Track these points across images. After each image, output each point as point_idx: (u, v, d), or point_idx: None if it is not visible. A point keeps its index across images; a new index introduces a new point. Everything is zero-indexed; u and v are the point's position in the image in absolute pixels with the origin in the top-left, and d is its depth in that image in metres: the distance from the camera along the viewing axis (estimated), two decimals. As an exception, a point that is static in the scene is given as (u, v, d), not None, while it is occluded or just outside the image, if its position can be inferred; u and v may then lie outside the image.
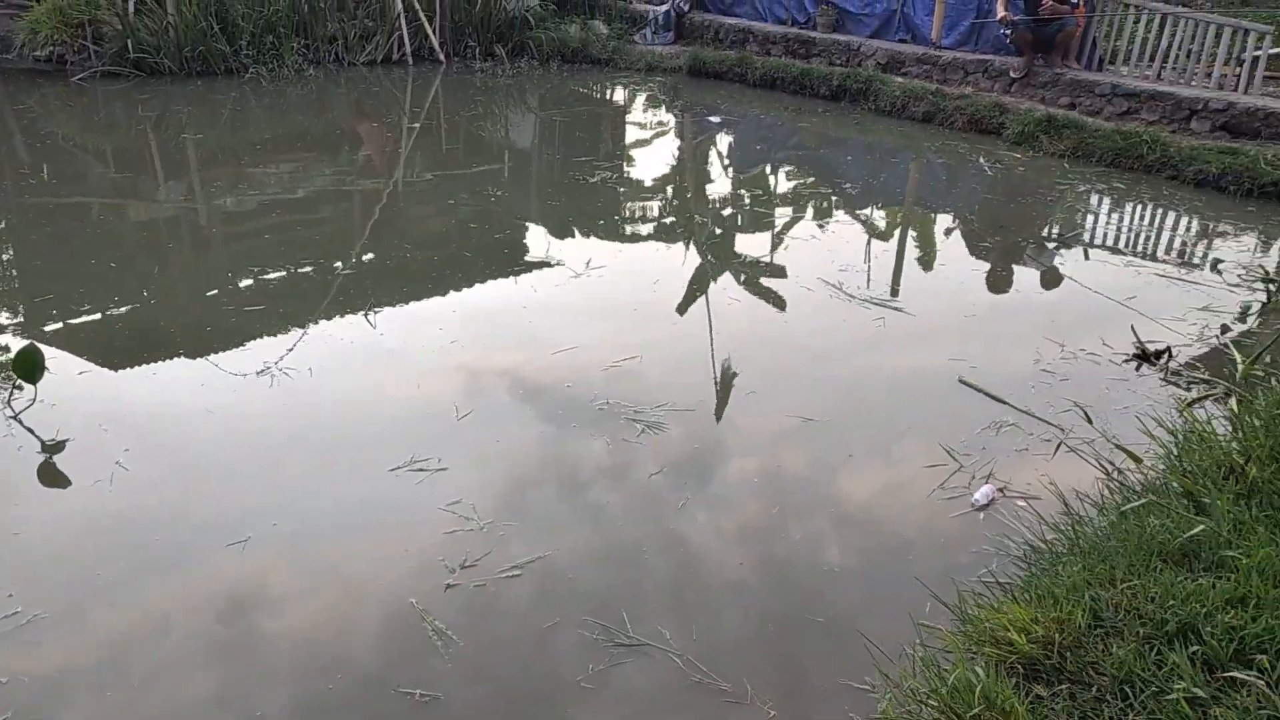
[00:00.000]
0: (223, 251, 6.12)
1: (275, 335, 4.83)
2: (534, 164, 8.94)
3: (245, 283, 5.55)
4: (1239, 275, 6.06)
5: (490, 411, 4.16)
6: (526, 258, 6.19)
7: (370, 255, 6.17)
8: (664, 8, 13.30)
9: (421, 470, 3.65)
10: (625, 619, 2.90)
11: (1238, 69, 8.93)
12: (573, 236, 6.63)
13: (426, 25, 12.13)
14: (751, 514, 3.50)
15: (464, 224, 6.80)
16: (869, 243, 6.69)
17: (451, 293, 5.56)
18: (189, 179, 7.62)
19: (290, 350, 4.65)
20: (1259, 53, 8.69)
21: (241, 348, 4.67)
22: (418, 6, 12.03)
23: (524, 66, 12.35)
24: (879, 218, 7.35)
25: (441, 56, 12.23)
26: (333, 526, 3.35)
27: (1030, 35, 9.46)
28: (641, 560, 3.20)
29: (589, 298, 5.55)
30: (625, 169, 8.54)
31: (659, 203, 7.68)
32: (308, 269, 5.83)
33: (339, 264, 5.88)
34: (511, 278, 5.81)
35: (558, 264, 6.00)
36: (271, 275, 5.69)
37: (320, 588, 3.06)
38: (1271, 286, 5.72)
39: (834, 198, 7.90)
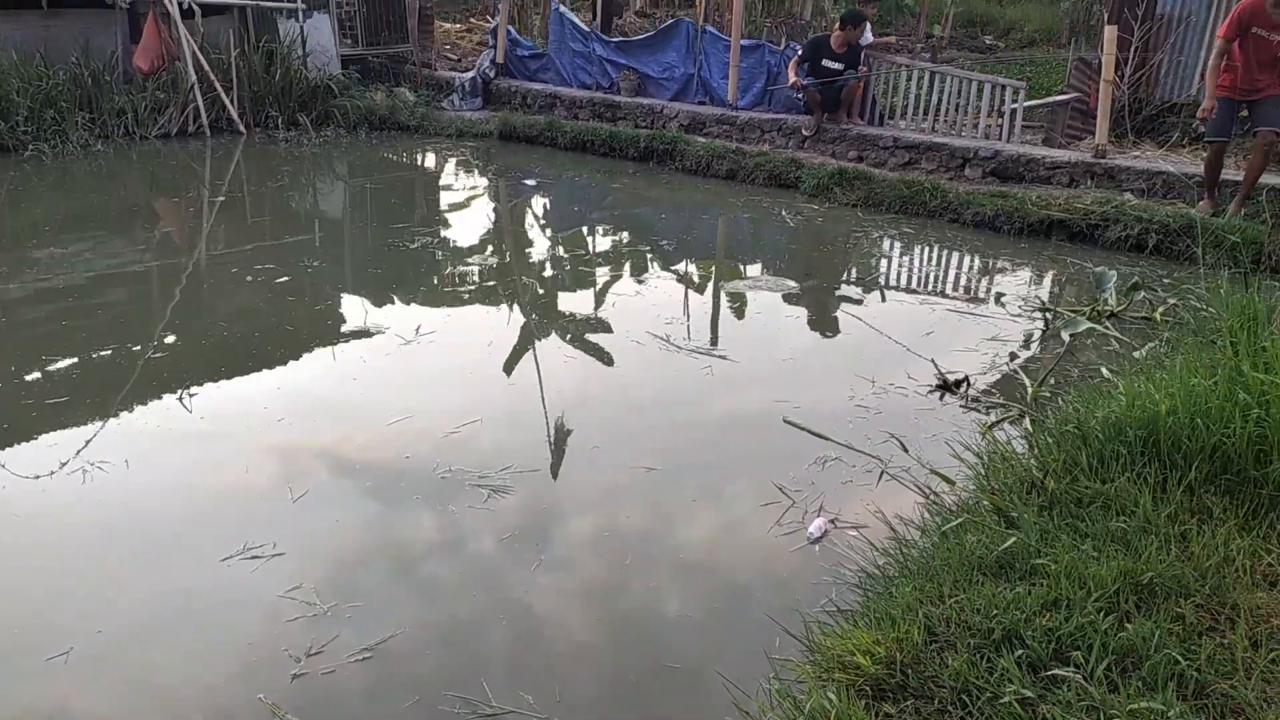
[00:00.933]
0: (11, 342, 5.67)
1: (82, 426, 4.51)
2: (349, 233, 8.78)
3: (39, 374, 5.16)
4: (1020, 306, 6.69)
5: (326, 490, 4.04)
6: (352, 327, 6.07)
7: (177, 336, 5.87)
8: (470, 75, 13.43)
9: (256, 558, 3.50)
10: (486, 689, 2.87)
11: (1000, 119, 9.92)
12: (399, 304, 6.55)
13: (224, 95, 11.74)
14: (601, 570, 3.55)
15: (280, 297, 6.59)
16: (687, 295, 6.96)
17: (275, 368, 5.37)
18: (-36, 266, 7.02)
19: (100, 442, 4.35)
20: (1015, 105, 9.70)
21: (44, 443, 4.34)
22: (213, 77, 11.63)
23: (330, 135, 12.13)
24: (695, 271, 7.66)
25: (241, 127, 11.85)
26: (165, 626, 3.16)
27: (818, 95, 10.17)
28: (496, 628, 3.19)
29: (421, 365, 5.49)
30: (445, 233, 8.53)
31: (483, 265, 7.70)
32: (109, 354, 5.49)
33: (141, 347, 5.57)
34: (338, 349, 5.68)
35: (386, 332, 5.91)
36: (69, 363, 5.32)
37: (158, 694, 2.87)
38: (1048, 315, 6.35)
39: (651, 254, 8.17)
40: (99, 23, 11.56)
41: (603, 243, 8.62)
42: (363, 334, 5.93)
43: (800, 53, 10.33)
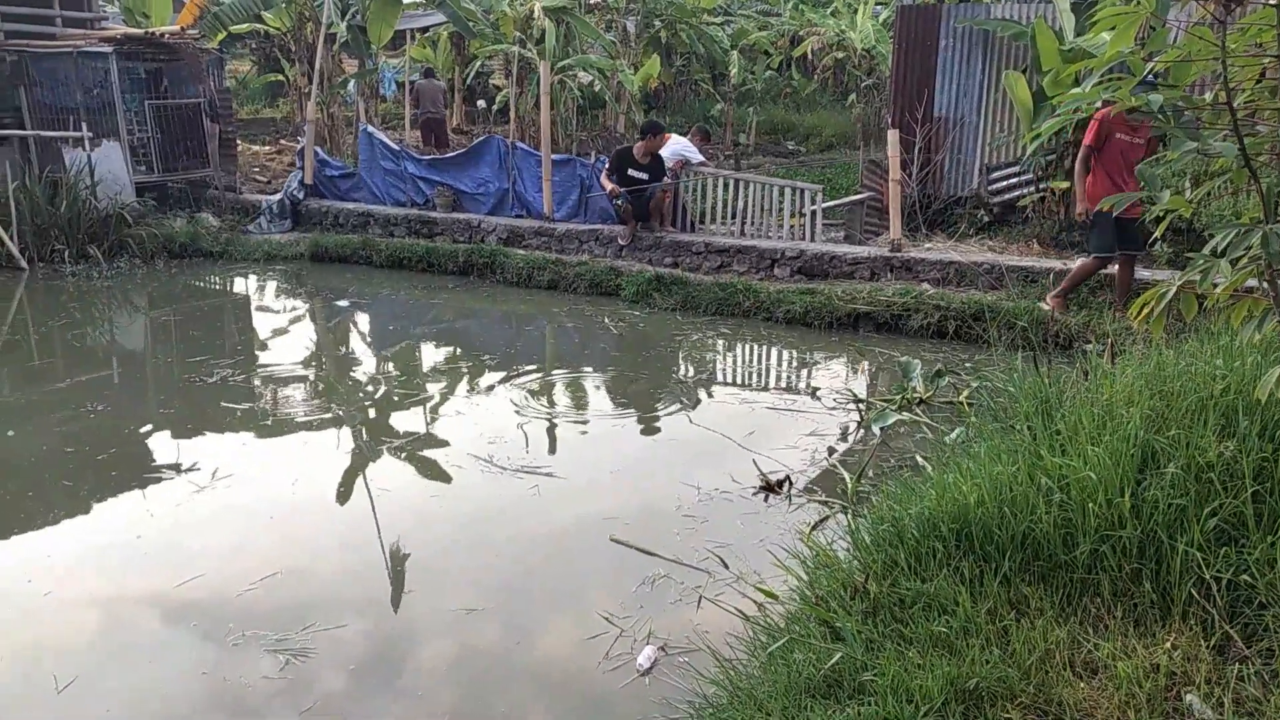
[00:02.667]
0: None
1: None
2: (140, 370, 8.17)
3: None
4: (835, 399, 6.85)
5: (101, 675, 3.56)
6: (139, 476, 5.53)
7: (-68, 504, 5.19)
8: (278, 196, 13.03)
9: (7, 769, 3.00)
10: None
11: (802, 220, 10.38)
12: (193, 445, 6.04)
13: (1, 231, 10.88)
14: (418, 731, 3.24)
15: (59, 448, 5.97)
16: (512, 410, 6.77)
17: (46, 530, 4.79)
18: None
19: None
20: (814, 207, 10.18)
21: None
22: (-12, 211, 10.79)
23: (124, 266, 11.39)
24: (519, 385, 7.49)
25: (23, 263, 10.98)
26: None
27: (628, 205, 10.39)
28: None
29: (216, 513, 5.03)
30: (247, 364, 8.04)
31: (289, 395, 7.27)
32: None
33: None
34: (122, 502, 5.15)
35: (177, 478, 5.41)
36: None
37: None
38: (862, 406, 6.52)
39: (472, 369, 7.97)
40: None
41: (422, 360, 8.35)
42: (151, 482, 5.42)
43: (607, 164, 10.57)
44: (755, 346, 8.50)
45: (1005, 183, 10.82)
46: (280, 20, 16.94)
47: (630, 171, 10.34)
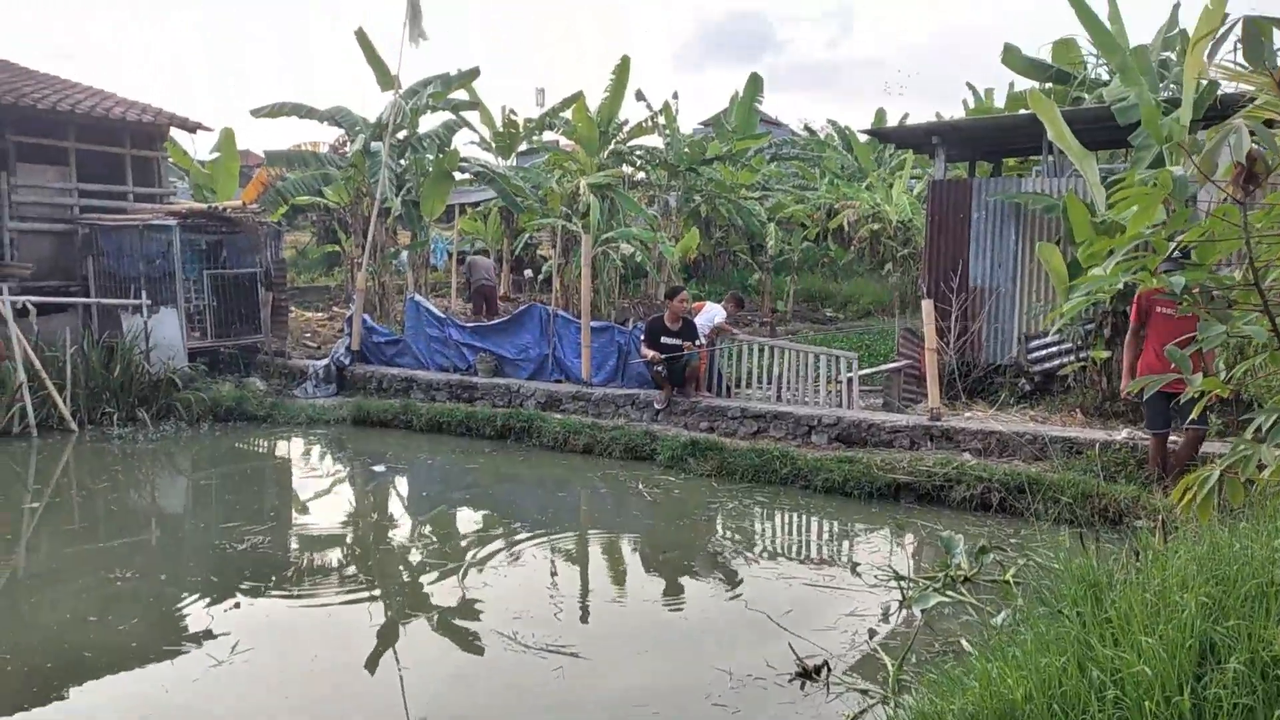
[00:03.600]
0: None
1: None
2: (172, 535, 8.16)
3: None
4: (875, 576, 6.59)
5: None
6: (158, 649, 5.42)
7: (-51, 675, 5.10)
8: (324, 361, 13.36)
9: None
10: None
11: (839, 385, 10.34)
12: (217, 616, 5.93)
13: (54, 394, 11.21)
14: None
15: (83, 616, 5.90)
16: (541, 581, 6.60)
17: (53, 706, 4.66)
18: None
19: None
20: (850, 375, 10.16)
21: None
22: (44, 375, 11.14)
23: (170, 429, 11.60)
24: (550, 554, 7.34)
25: (73, 425, 11.25)
26: None
27: (662, 372, 10.49)
28: None
29: (233, 691, 4.87)
30: (280, 530, 8.01)
31: (317, 564, 7.18)
32: None
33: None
34: (137, 677, 5.02)
35: (196, 651, 5.29)
36: None
37: None
38: (903, 585, 6.26)
39: (503, 538, 7.84)
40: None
41: (455, 527, 8.26)
42: (169, 655, 5.30)
43: (644, 335, 10.75)
44: (793, 516, 8.31)
45: (1045, 351, 10.76)
46: (339, 195, 17.87)
47: (664, 339, 10.48)
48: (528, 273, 23.19)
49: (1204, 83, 9.86)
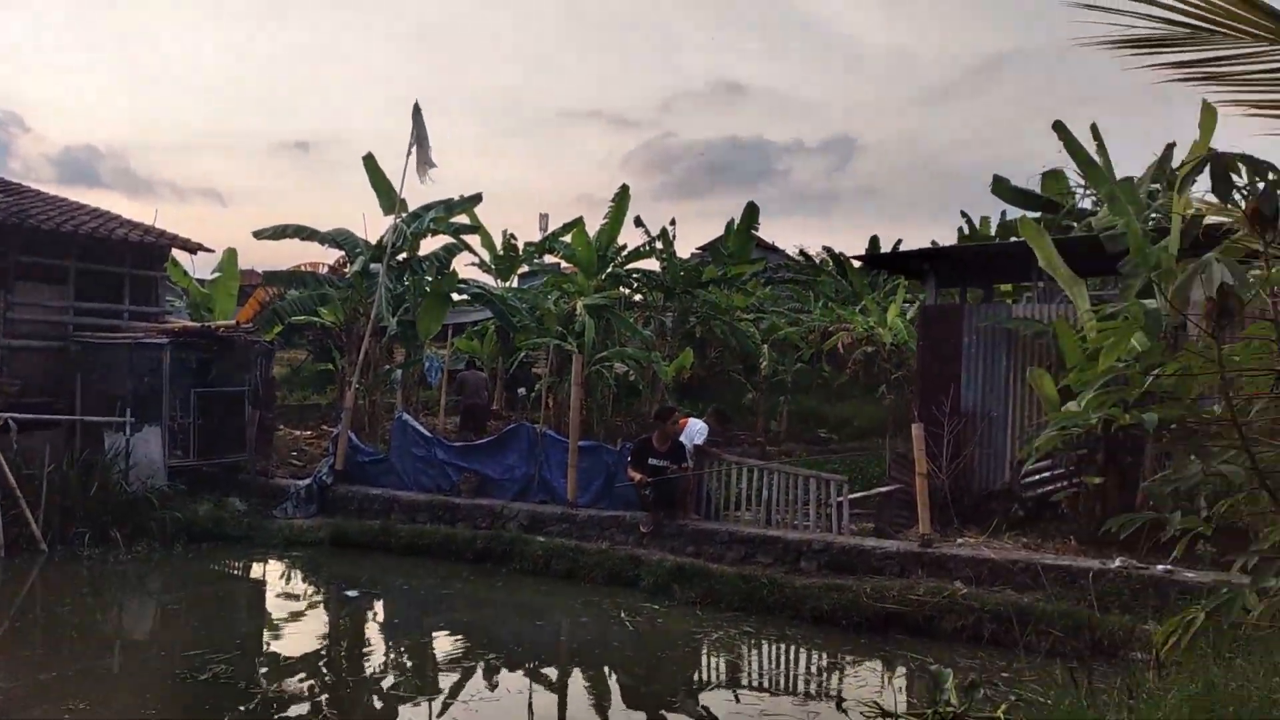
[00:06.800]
0: None
1: None
2: (139, 660, 7.83)
3: None
4: (862, 713, 6.26)
5: None
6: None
7: None
8: (307, 481, 13.15)
9: None
10: None
11: (828, 509, 10.11)
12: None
13: (27, 512, 10.97)
14: None
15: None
16: (531, 715, 6.27)
17: None
18: None
19: None
20: (840, 499, 9.96)
21: None
22: (19, 493, 10.93)
23: (142, 550, 11.26)
24: (533, 683, 7.01)
25: (43, 545, 10.96)
26: None
27: (649, 495, 10.28)
28: None
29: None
30: (247, 657, 7.67)
31: (278, 695, 6.84)
32: None
33: None
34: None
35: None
36: None
37: None
38: (890, 721, 5.94)
39: (481, 668, 7.51)
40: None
41: (427, 657, 7.92)
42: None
43: (630, 456, 10.59)
44: (779, 647, 8.00)
45: (1038, 477, 10.57)
46: (335, 315, 17.98)
47: (651, 460, 10.31)
48: (521, 391, 23.17)
49: (1189, 214, 10.00)
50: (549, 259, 25.16)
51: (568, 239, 20.67)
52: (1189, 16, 2.99)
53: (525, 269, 26.17)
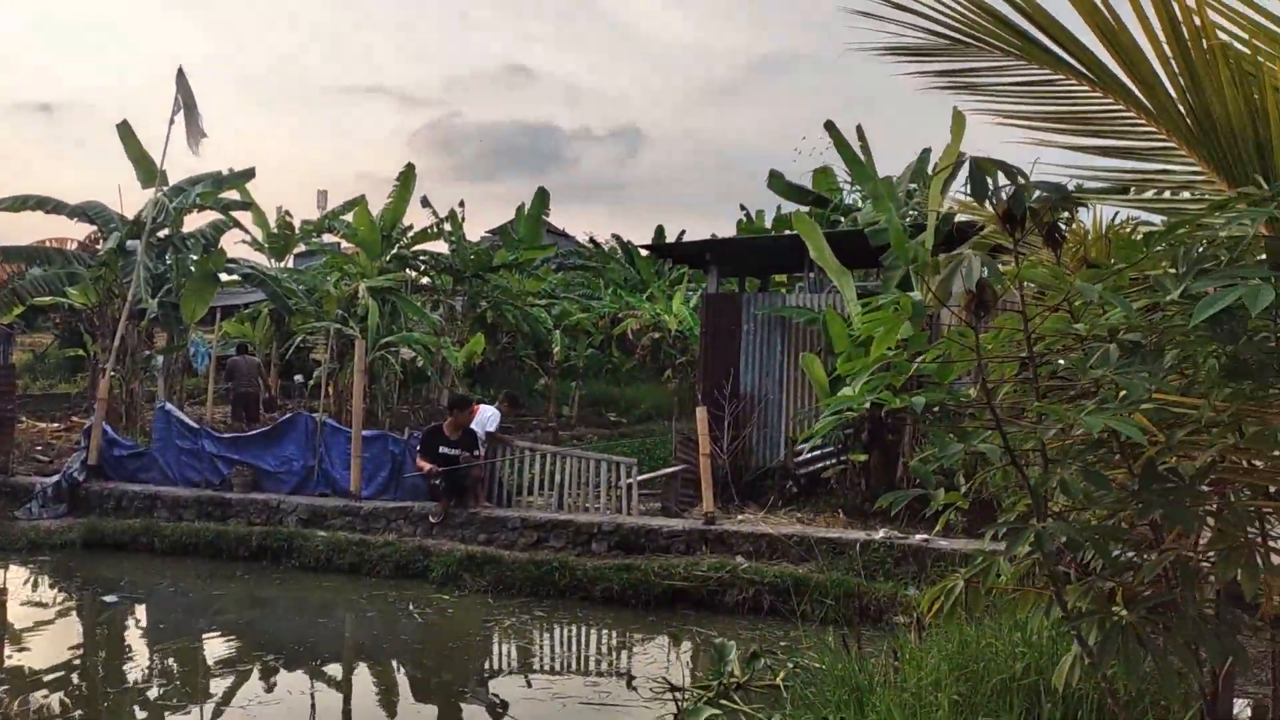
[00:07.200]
0: None
1: None
2: None
3: None
4: (651, 688, 6.45)
5: None
6: None
7: None
8: (55, 478, 11.94)
9: None
10: None
11: (617, 491, 10.31)
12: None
13: None
14: None
15: None
16: (313, 713, 6.00)
17: None
18: None
19: None
20: (630, 480, 10.18)
21: None
22: None
23: None
24: (316, 683, 6.71)
25: None
26: None
27: (439, 485, 10.09)
28: None
29: None
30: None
31: (40, 707, 6.19)
32: None
33: None
34: None
35: None
36: None
37: None
38: (678, 696, 6.14)
39: (257, 670, 7.11)
40: None
41: (198, 662, 7.40)
42: None
43: (420, 445, 10.35)
44: (570, 630, 8.08)
45: (809, 455, 11.23)
46: (86, 295, 16.41)
47: (442, 449, 10.12)
48: (298, 378, 22.09)
49: (942, 212, 10.91)
50: (329, 238, 24.12)
51: (349, 218, 19.88)
52: (950, 29, 3.24)
53: (302, 248, 24.94)
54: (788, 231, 14.59)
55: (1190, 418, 2.51)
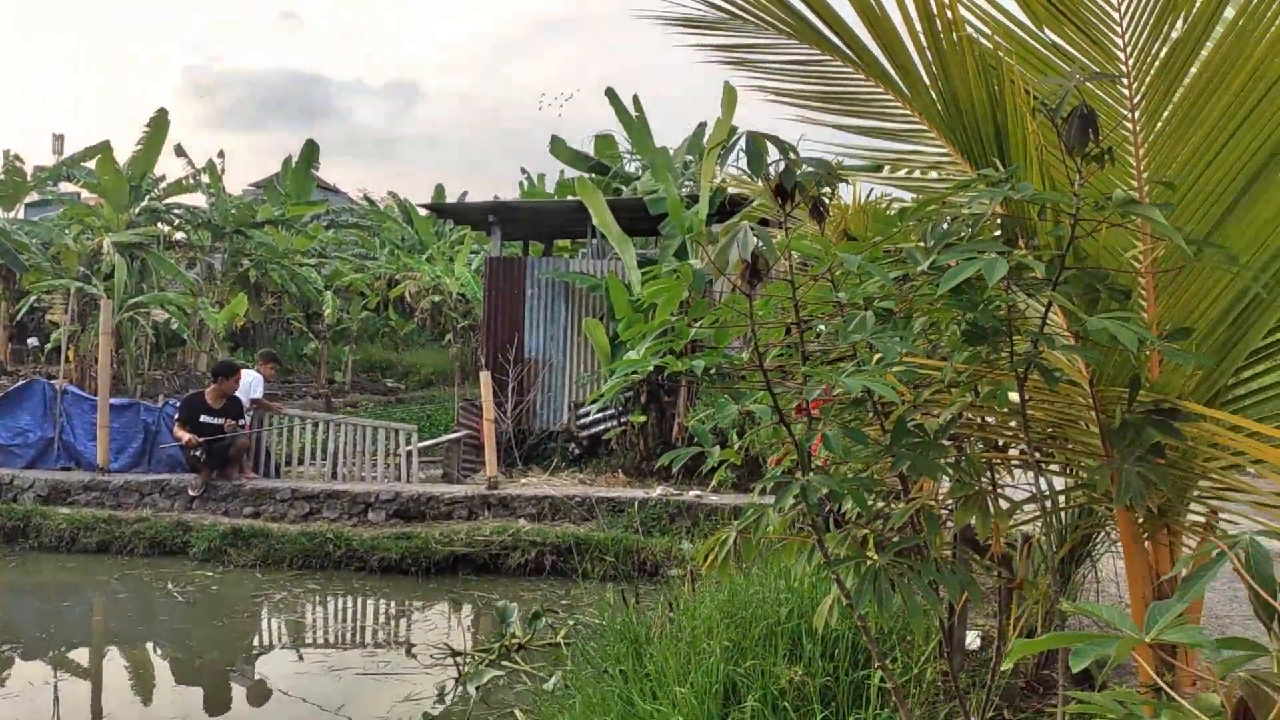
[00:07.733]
0: None
1: None
2: None
3: None
4: (432, 655, 6.39)
5: None
6: None
7: None
8: None
9: None
10: None
11: (396, 458, 10.07)
12: None
13: None
14: None
15: None
16: (57, 706, 5.48)
17: None
18: None
19: None
20: (409, 447, 9.96)
21: None
22: None
23: None
24: (59, 672, 6.15)
25: None
26: None
27: (203, 454, 9.46)
28: None
29: None
30: None
31: None
32: None
33: None
34: None
35: None
36: None
37: None
38: (460, 660, 6.13)
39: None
40: None
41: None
42: None
43: (178, 414, 9.64)
44: (346, 601, 7.86)
45: (591, 418, 11.43)
46: None
47: (204, 418, 9.48)
48: (32, 341, 19.97)
49: (715, 185, 11.31)
50: (67, 187, 21.85)
51: (91, 165, 18.08)
52: (728, 3, 3.35)
53: (35, 198, 22.43)
54: (571, 197, 14.66)
55: (935, 379, 2.76)
